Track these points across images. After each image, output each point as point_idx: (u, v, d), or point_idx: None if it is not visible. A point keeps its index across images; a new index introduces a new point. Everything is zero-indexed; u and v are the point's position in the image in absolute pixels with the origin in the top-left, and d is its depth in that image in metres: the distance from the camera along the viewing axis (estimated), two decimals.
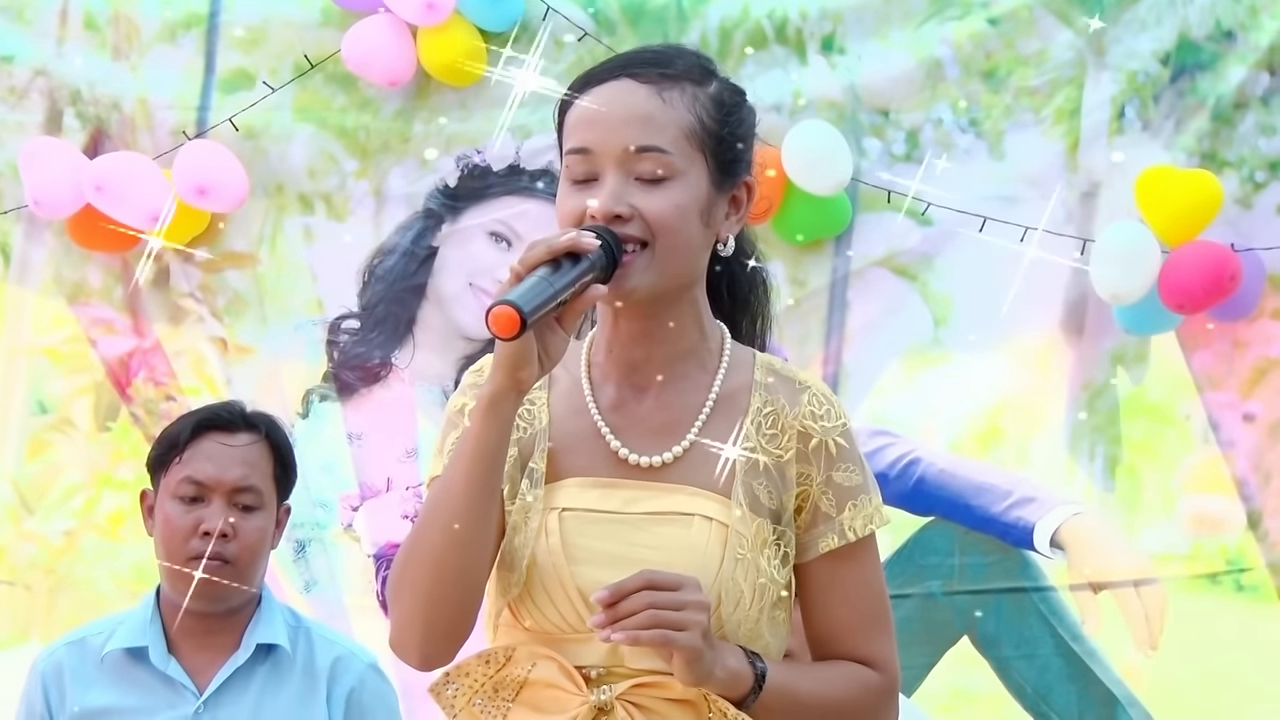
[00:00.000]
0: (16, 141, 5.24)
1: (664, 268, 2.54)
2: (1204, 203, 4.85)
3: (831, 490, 2.59)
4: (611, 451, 2.58)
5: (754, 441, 2.58)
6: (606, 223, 2.52)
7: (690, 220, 2.55)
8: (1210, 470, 5.02)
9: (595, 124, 2.56)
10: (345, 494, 5.21)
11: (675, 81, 2.58)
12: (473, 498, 2.49)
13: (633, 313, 2.56)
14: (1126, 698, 4.98)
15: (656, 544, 2.53)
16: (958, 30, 5.09)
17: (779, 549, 2.58)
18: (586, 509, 2.56)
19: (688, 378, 2.60)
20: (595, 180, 2.55)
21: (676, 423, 2.59)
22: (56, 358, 5.34)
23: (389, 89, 5.18)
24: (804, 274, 5.12)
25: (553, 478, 2.58)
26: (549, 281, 2.43)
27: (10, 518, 5.30)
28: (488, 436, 2.48)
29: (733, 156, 2.61)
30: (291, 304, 5.29)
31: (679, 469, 2.57)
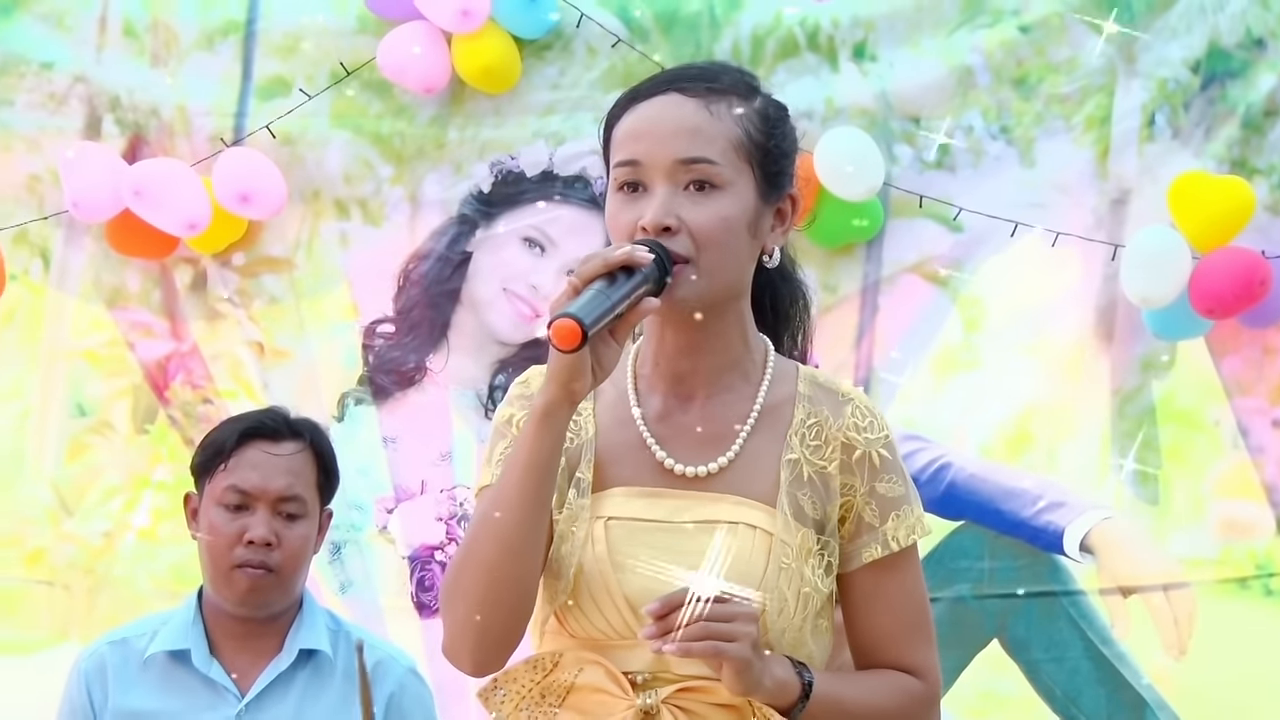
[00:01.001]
0: (56, 147, 5.25)
1: (712, 279, 2.54)
2: (1236, 209, 4.85)
3: (875, 501, 2.60)
4: (657, 462, 2.58)
5: (798, 453, 2.59)
6: (655, 234, 2.52)
7: (737, 232, 2.56)
8: (1239, 475, 5.01)
9: (644, 136, 2.57)
10: (380, 497, 5.22)
11: (722, 95, 2.58)
12: (526, 507, 2.50)
13: (680, 324, 2.57)
14: (1156, 701, 4.98)
15: (703, 553, 2.53)
16: (989, 38, 5.09)
17: (823, 558, 2.59)
18: (633, 518, 2.56)
19: (732, 389, 2.61)
20: (644, 191, 2.56)
21: (721, 434, 2.59)
22: (95, 361, 5.35)
23: (424, 95, 5.19)
24: (835, 279, 5.12)
25: (599, 487, 2.58)
26: (606, 295, 2.44)
27: (50, 519, 5.31)
28: (541, 447, 2.49)
29: (778, 169, 2.62)
30: (327, 308, 5.30)
31: (724, 479, 2.58)
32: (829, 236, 5.06)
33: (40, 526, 5.31)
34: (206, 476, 3.83)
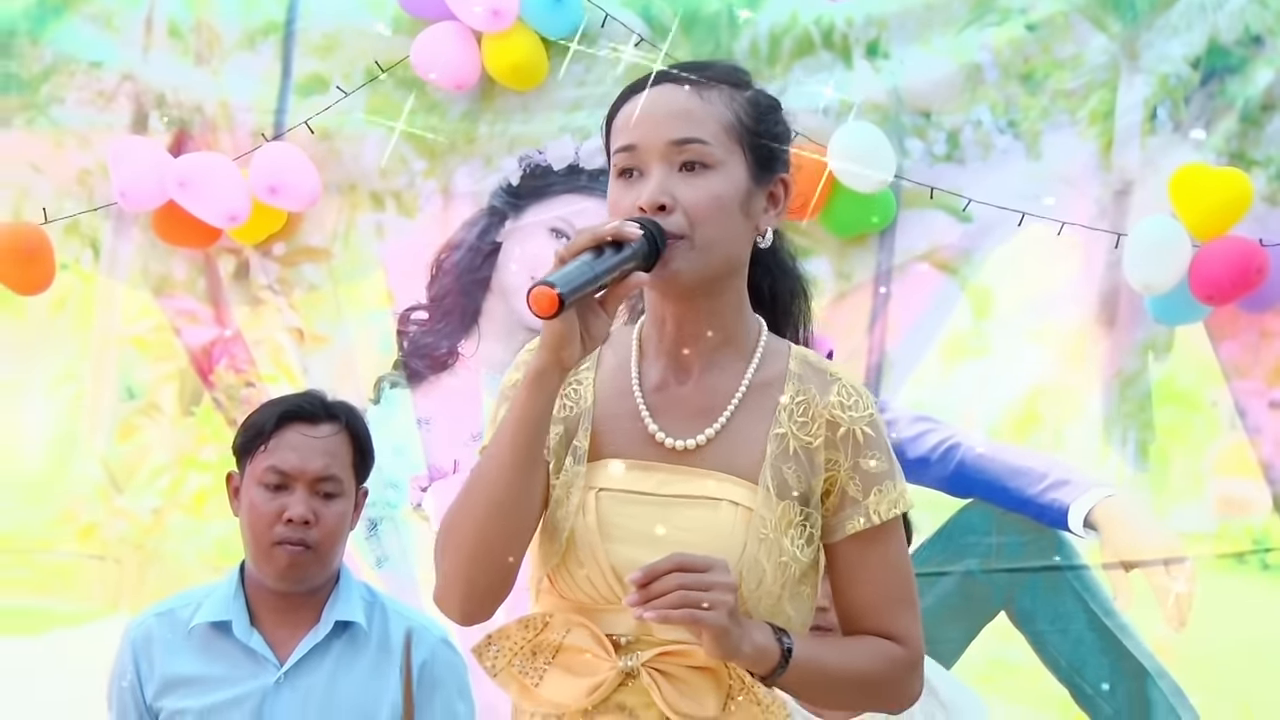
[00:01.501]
0: (105, 142, 5.26)
1: (706, 254, 2.57)
2: (1235, 199, 4.84)
3: (858, 476, 2.62)
4: (649, 434, 2.61)
5: (786, 428, 2.61)
6: (652, 213, 2.54)
7: (729, 209, 2.59)
8: (1237, 455, 5.01)
9: (639, 123, 2.60)
10: (415, 475, 5.23)
11: (713, 84, 2.63)
12: (516, 467, 2.53)
13: (677, 299, 2.59)
14: (1156, 670, 4.98)
15: (686, 526, 2.56)
16: (997, 36, 5.08)
17: (804, 530, 2.61)
18: (622, 489, 2.59)
19: (725, 366, 2.63)
20: (641, 175, 2.58)
21: (711, 407, 2.62)
22: (143, 346, 5.36)
23: (455, 92, 5.20)
24: (849, 268, 5.12)
25: (594, 456, 2.61)
26: (590, 266, 2.46)
27: (101, 496, 5.33)
28: (531, 409, 2.52)
29: (769, 152, 2.64)
30: (364, 296, 5.31)
31: (710, 453, 2.60)
32: (843, 227, 5.06)
33: (92, 503, 5.33)
34: (247, 457, 3.84)
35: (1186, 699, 4.97)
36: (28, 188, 5.32)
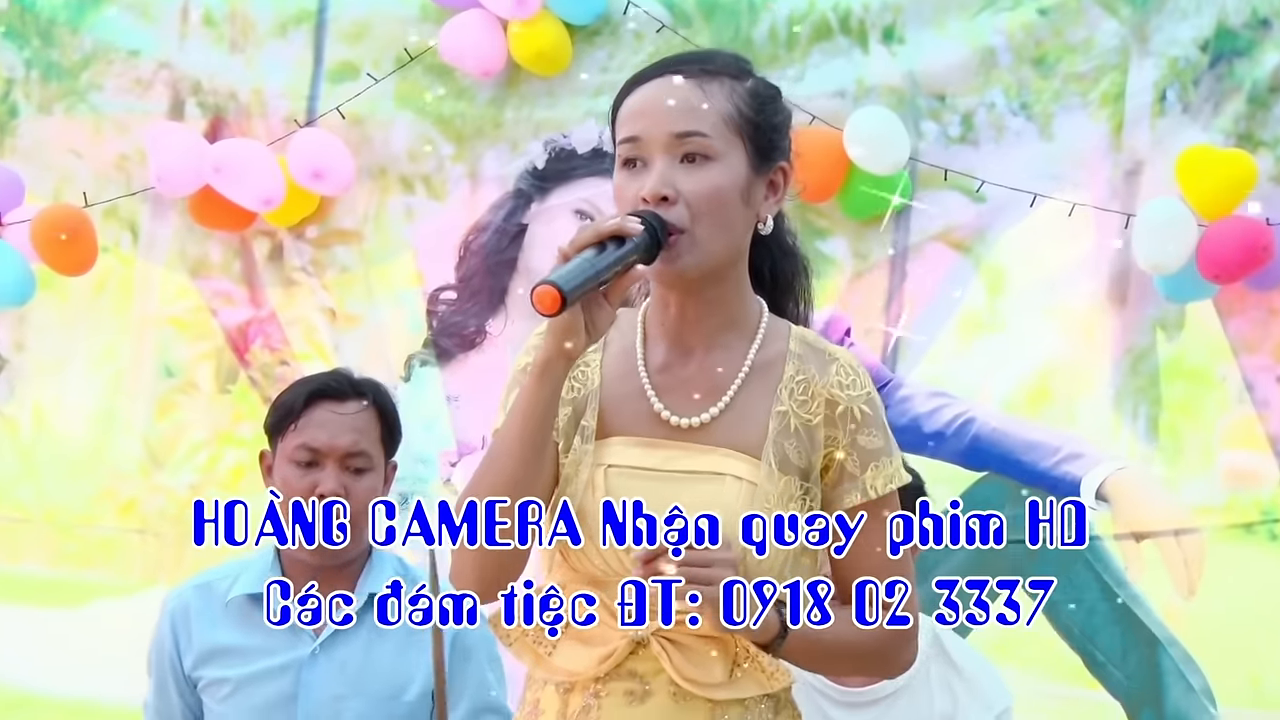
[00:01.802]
0: (143, 128, 5.28)
1: (708, 245, 2.59)
2: (1240, 179, 4.83)
3: (856, 452, 2.64)
4: (655, 412, 2.63)
5: (787, 406, 2.63)
6: (655, 203, 2.56)
7: (730, 200, 2.60)
8: (1245, 428, 5.01)
9: (643, 115, 2.61)
10: (444, 451, 5.25)
11: (714, 76, 2.64)
12: (526, 450, 2.55)
13: (681, 287, 2.62)
14: (1167, 638, 4.99)
15: (691, 500, 2.58)
16: (1010, 20, 5.08)
17: (804, 503, 2.63)
18: (629, 466, 2.61)
19: (728, 346, 2.65)
20: (645, 165, 2.59)
21: (715, 386, 2.64)
22: (181, 326, 5.39)
23: (482, 79, 5.21)
24: (866, 247, 5.13)
25: (602, 434, 2.63)
26: (591, 262, 2.48)
27: (141, 472, 5.37)
28: (539, 397, 2.54)
29: (769, 142, 2.65)
30: (394, 277, 5.33)
31: (715, 430, 2.62)
32: (859, 208, 5.06)
33: (132, 479, 5.37)
34: (279, 436, 3.83)
35: (1196, 666, 4.97)
36: (68, 172, 5.35)
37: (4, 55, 5.38)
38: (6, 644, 5.31)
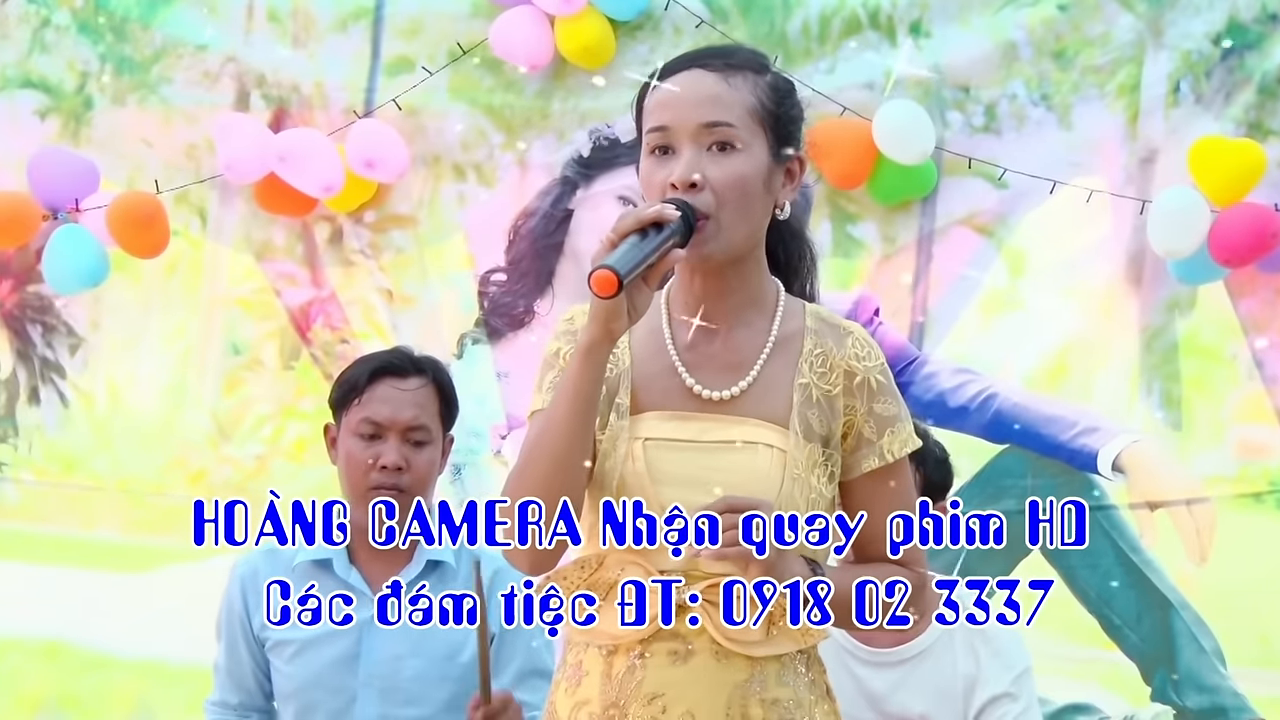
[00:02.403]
0: (211, 119, 5.28)
1: (733, 229, 2.61)
2: (1250, 168, 4.82)
3: (872, 419, 2.67)
4: (686, 387, 2.64)
5: (808, 378, 2.65)
6: (684, 190, 2.57)
7: (753, 187, 2.63)
8: (1255, 403, 5.00)
9: (672, 105, 2.62)
10: (495, 424, 5.26)
11: (738, 70, 2.65)
12: (574, 429, 2.56)
13: (706, 269, 2.63)
14: (1179, 602, 4.99)
15: (727, 468, 2.60)
16: (1031, 15, 5.08)
17: (826, 468, 2.65)
18: (666, 438, 2.63)
19: (750, 324, 2.67)
20: (673, 153, 2.61)
21: (741, 361, 2.66)
22: (247, 306, 5.41)
23: (531, 72, 5.21)
24: (894, 232, 5.13)
25: (636, 410, 2.64)
26: (639, 248, 2.50)
27: (210, 444, 5.38)
28: (585, 378, 2.54)
29: (788, 133, 2.68)
30: (447, 259, 5.33)
31: (744, 402, 2.64)
32: (887, 195, 5.08)
33: (201, 450, 5.39)
34: (343, 410, 3.84)
35: (1207, 628, 4.98)
36: (140, 161, 5.36)
37: (79, 50, 5.40)
38: (82, 607, 5.33)
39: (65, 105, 5.41)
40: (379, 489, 3.79)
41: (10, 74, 5.42)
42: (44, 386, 5.45)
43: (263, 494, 5.30)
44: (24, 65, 5.42)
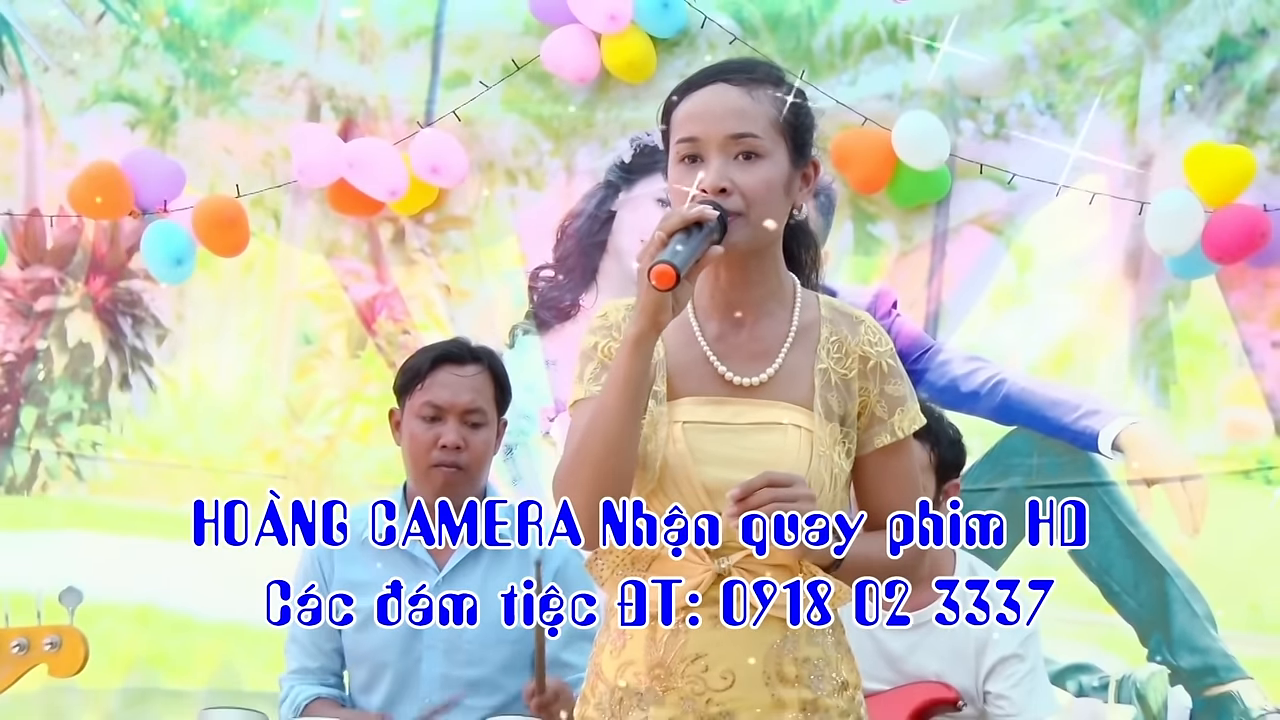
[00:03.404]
0: (285, 129, 5.30)
1: (758, 229, 2.60)
2: (1240, 172, 4.80)
3: (884, 400, 2.66)
4: (718, 374, 2.63)
5: (826, 363, 2.64)
6: (713, 194, 2.56)
7: (776, 191, 2.61)
8: (1244, 388, 4.98)
9: (700, 118, 2.60)
10: (544, 408, 5.26)
11: (760, 84, 2.64)
12: (624, 415, 2.53)
13: (732, 264, 2.61)
14: (1174, 570, 4.97)
15: (760, 447, 2.59)
16: (1037, 31, 5.06)
17: (844, 446, 2.64)
18: (702, 421, 2.61)
19: (772, 314, 2.66)
20: (701, 161, 2.59)
21: (766, 350, 2.64)
22: (317, 300, 5.41)
23: (578, 85, 5.22)
24: (911, 231, 5.12)
25: (672, 396, 2.62)
26: (689, 245, 2.48)
27: (283, 425, 5.40)
28: (635, 367, 2.52)
29: (804, 141, 2.66)
30: (500, 257, 5.33)
31: (771, 386, 2.62)
32: (905, 198, 5.07)
33: (275, 431, 5.40)
34: (406, 395, 3.86)
35: (1200, 594, 4.96)
36: (221, 168, 5.38)
37: (166, 66, 5.42)
38: (169, 574, 5.35)
39: (153, 117, 5.43)
40: (439, 466, 3.81)
41: (103, 88, 5.44)
42: (134, 373, 5.47)
43: (331, 473, 5.33)
44: (115, 80, 5.44)
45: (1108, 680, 4.97)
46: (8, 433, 5.48)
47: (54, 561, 5.27)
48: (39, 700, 5.29)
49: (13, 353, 5.50)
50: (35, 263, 5.49)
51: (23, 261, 5.48)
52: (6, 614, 3.68)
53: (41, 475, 5.47)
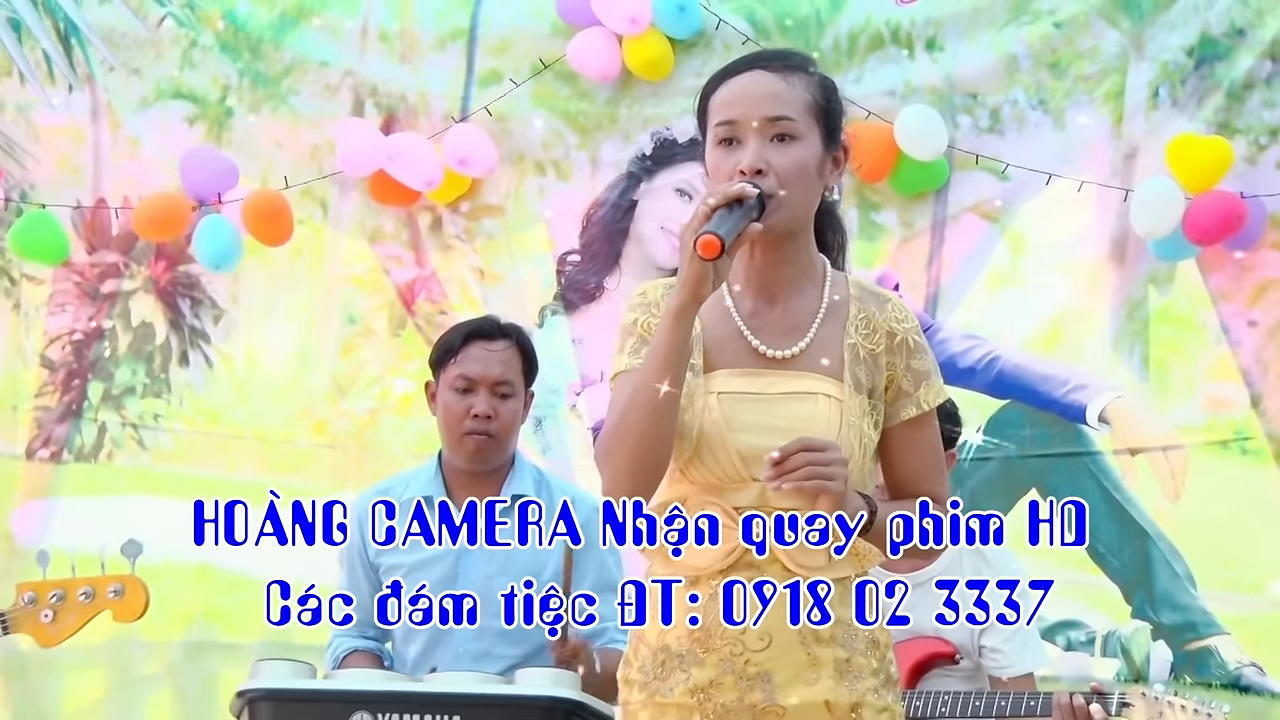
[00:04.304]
0: (331, 124, 5.31)
1: (793, 208, 2.55)
2: (1219, 161, 4.79)
3: (910, 374, 2.61)
4: (752, 347, 2.58)
5: (855, 339, 2.60)
6: (751, 175, 2.51)
7: (809, 173, 2.57)
8: (1222, 363, 4.96)
9: (738, 102, 2.56)
10: (571, 383, 5.26)
11: (794, 70, 2.60)
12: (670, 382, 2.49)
13: (767, 243, 2.57)
14: (1156, 534, 4.96)
15: (792, 416, 2.54)
16: (1030, 32, 5.04)
17: (872, 417, 2.60)
18: (738, 391, 2.56)
19: (804, 292, 2.61)
20: (739, 144, 2.55)
21: (798, 325, 2.60)
22: (360, 283, 5.42)
23: (601, 83, 5.22)
24: (912, 218, 5.10)
25: (708, 369, 2.57)
26: (731, 219, 2.44)
27: (329, 399, 5.40)
28: (677, 338, 2.47)
29: (836, 126, 2.62)
30: (530, 243, 5.33)
31: (802, 359, 2.58)
32: (906, 187, 5.06)
33: (323, 404, 5.41)
34: (441, 368, 3.84)
35: (1180, 556, 4.94)
36: (272, 160, 5.38)
37: (221, 66, 5.43)
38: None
39: (209, 113, 5.44)
40: (471, 434, 3.80)
41: (164, 87, 5.46)
42: (192, 351, 5.49)
43: (375, 442, 5.33)
44: (175, 80, 5.45)
45: (1094, 636, 4.96)
46: (77, 405, 5.50)
47: (119, 524, 5.24)
48: (107, 652, 5.34)
49: (81, 331, 5.51)
50: (101, 248, 5.50)
51: (90, 247, 5.49)
52: (74, 567, 3.70)
53: (108, 445, 5.49)
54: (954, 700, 3.91)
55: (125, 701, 5.38)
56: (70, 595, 3.68)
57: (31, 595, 3.70)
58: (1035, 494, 5.01)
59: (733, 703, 2.53)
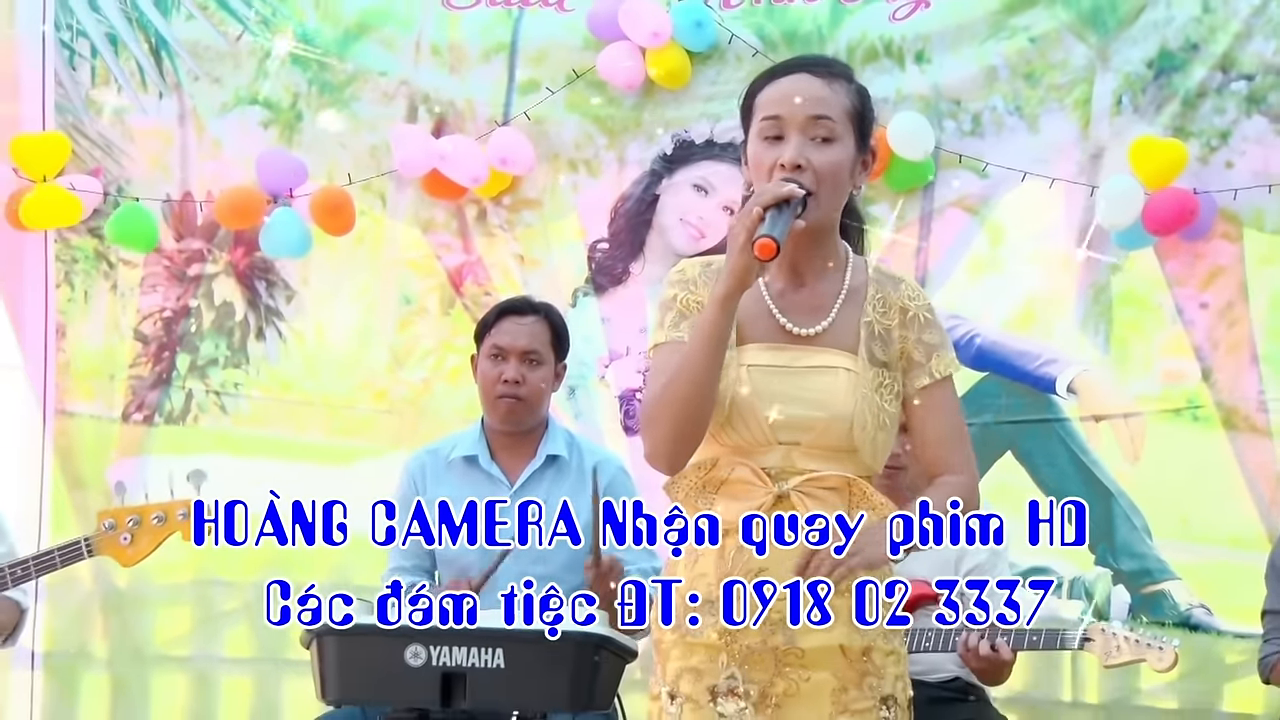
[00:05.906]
0: (389, 128, 5.30)
1: (828, 204, 2.53)
2: (1175, 161, 4.76)
3: (921, 346, 2.58)
4: (780, 325, 2.56)
5: (872, 317, 2.57)
6: (791, 170, 2.47)
7: (843, 172, 2.53)
8: (1176, 341, 4.93)
9: (784, 100, 2.51)
10: (599, 356, 5.25)
11: (836, 76, 2.57)
12: (709, 362, 2.46)
13: (800, 235, 2.52)
14: (1117, 491, 4.93)
15: (814, 387, 2.52)
16: (1008, 46, 5.00)
17: (891, 388, 2.56)
18: (766, 365, 2.54)
19: (828, 276, 2.58)
20: (782, 140, 2.51)
21: (821, 305, 2.57)
22: (415, 267, 5.40)
23: (627, 90, 5.19)
24: (902, 211, 5.07)
25: (740, 343, 2.55)
26: (781, 219, 2.40)
27: (388, 370, 5.39)
28: (720, 322, 2.44)
29: (868, 130, 2.59)
30: (564, 232, 5.31)
31: (825, 336, 2.56)
32: (898, 183, 5.03)
33: (382, 375, 5.39)
34: (480, 340, 3.88)
35: (1139, 510, 4.92)
36: (337, 160, 5.36)
37: (292, 76, 5.41)
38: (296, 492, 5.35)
39: (282, 118, 5.42)
40: (503, 398, 3.82)
41: (241, 94, 5.44)
42: (267, 327, 5.48)
43: (428, 408, 5.33)
44: (251, 88, 5.44)
45: (1061, 581, 4.94)
46: (166, 375, 5.51)
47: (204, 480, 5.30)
48: (190, 590, 5.38)
49: (170, 309, 5.52)
50: (188, 237, 5.51)
51: (178, 235, 5.50)
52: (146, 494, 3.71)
53: (193, 409, 5.50)
54: (936, 635, 3.92)
55: (208, 634, 5.40)
56: (145, 520, 3.70)
57: (111, 522, 3.72)
58: (1011, 455, 4.98)
59: (756, 644, 2.51)
